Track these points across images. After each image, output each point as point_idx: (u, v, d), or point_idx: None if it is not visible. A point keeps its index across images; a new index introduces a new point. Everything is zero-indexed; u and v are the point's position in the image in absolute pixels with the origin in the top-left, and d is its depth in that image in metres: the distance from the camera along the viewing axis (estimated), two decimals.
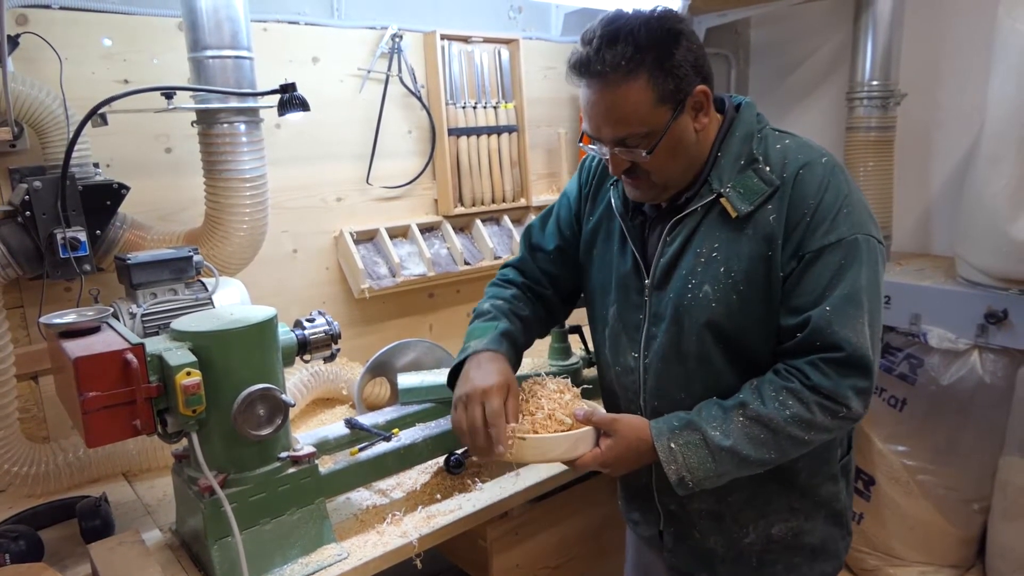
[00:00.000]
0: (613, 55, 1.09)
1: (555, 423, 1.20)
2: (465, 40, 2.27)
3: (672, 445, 1.15)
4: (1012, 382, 2.15)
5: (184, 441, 1.23)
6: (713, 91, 1.18)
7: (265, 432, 1.22)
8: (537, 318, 1.43)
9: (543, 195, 2.58)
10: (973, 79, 2.46)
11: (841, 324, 1.12)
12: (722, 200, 1.18)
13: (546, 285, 1.45)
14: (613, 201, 1.34)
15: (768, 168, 1.18)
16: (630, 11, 1.13)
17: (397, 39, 2.11)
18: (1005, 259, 2.08)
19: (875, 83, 2.57)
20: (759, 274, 1.16)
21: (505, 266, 1.50)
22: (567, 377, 1.32)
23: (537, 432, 1.18)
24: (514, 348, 1.33)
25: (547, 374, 1.31)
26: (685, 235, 1.21)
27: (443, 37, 2.19)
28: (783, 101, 3.11)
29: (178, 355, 1.15)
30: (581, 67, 1.13)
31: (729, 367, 1.22)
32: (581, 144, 2.62)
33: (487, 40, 2.32)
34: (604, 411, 1.26)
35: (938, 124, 2.68)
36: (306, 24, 1.98)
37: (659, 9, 1.14)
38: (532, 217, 2.47)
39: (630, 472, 1.26)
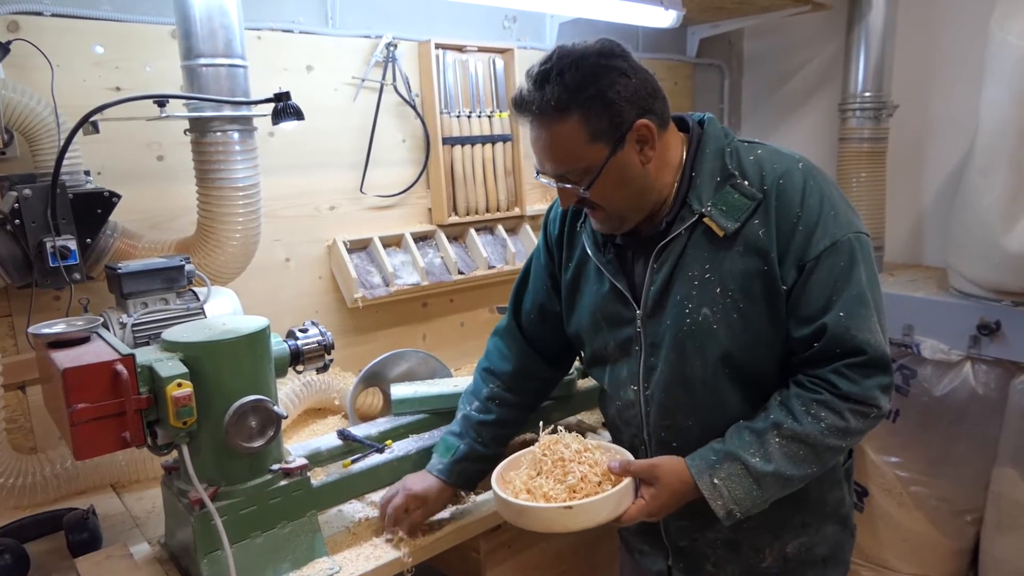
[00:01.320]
0: (542, 96, 1.11)
1: (590, 485, 1.17)
2: (460, 49, 2.27)
3: (715, 480, 1.13)
4: (1005, 393, 2.15)
5: (174, 453, 1.21)
6: (661, 120, 1.17)
7: (257, 444, 1.21)
8: (518, 408, 1.50)
9: (537, 204, 2.57)
10: (965, 90, 2.47)
11: (858, 327, 1.12)
12: (706, 220, 1.17)
13: (530, 351, 1.49)
14: (585, 242, 1.33)
15: (747, 182, 1.17)
16: (572, 44, 1.14)
17: (391, 48, 2.11)
18: (998, 270, 2.09)
19: (868, 94, 2.59)
20: (756, 290, 1.15)
21: (493, 335, 1.55)
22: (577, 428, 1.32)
23: (575, 497, 1.15)
24: (469, 468, 1.43)
25: (560, 428, 1.29)
26: (673, 260, 1.20)
27: (438, 46, 2.19)
28: (776, 112, 3.13)
29: (169, 366, 1.13)
30: (517, 106, 1.16)
31: (737, 389, 1.21)
32: (537, 176, 2.57)
33: (482, 49, 2.32)
34: (631, 456, 1.23)
35: (930, 135, 2.70)
36: (300, 32, 1.98)
37: (598, 42, 1.14)
38: (526, 226, 2.50)
39: None
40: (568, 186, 1.18)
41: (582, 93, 1.10)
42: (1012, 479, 2.16)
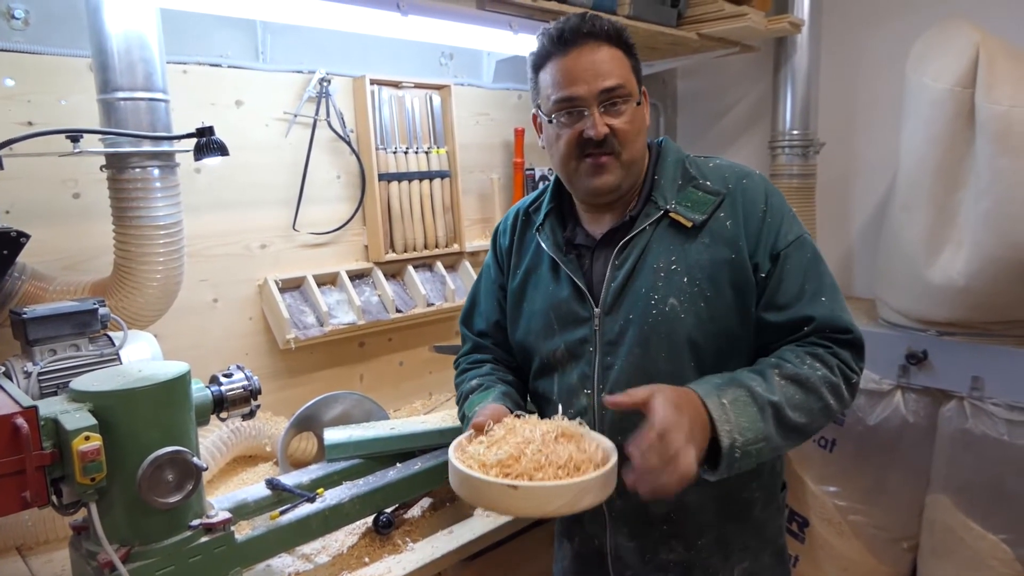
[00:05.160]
0: (600, 24, 1.19)
1: (552, 468, 1.00)
2: (396, 85, 2.25)
3: (724, 401, 1.06)
4: (934, 421, 2.21)
5: (83, 512, 1.12)
6: None
7: (174, 500, 1.13)
8: (520, 382, 1.42)
9: (476, 240, 2.55)
10: (887, 129, 2.58)
11: (841, 310, 1.19)
12: (672, 215, 1.22)
13: (508, 357, 1.45)
14: (543, 244, 1.32)
15: (708, 183, 1.23)
16: None
17: (325, 83, 2.08)
18: (922, 301, 2.16)
19: (795, 132, 2.68)
20: (723, 280, 1.18)
21: (459, 357, 1.49)
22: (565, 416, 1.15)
23: (531, 479, 0.99)
24: (517, 405, 1.30)
25: (530, 413, 1.18)
26: (636, 255, 1.22)
27: (373, 82, 2.17)
28: (711, 148, 3.21)
29: (76, 418, 1.05)
30: (569, 32, 1.19)
31: None
32: (548, 120, 2.54)
33: (418, 85, 2.31)
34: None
35: (856, 172, 2.80)
36: (229, 67, 1.93)
37: None
38: (466, 262, 2.47)
39: (579, 536, 1.27)
40: (607, 108, 1.19)
41: (624, 36, 1.22)
42: (944, 506, 2.21)
